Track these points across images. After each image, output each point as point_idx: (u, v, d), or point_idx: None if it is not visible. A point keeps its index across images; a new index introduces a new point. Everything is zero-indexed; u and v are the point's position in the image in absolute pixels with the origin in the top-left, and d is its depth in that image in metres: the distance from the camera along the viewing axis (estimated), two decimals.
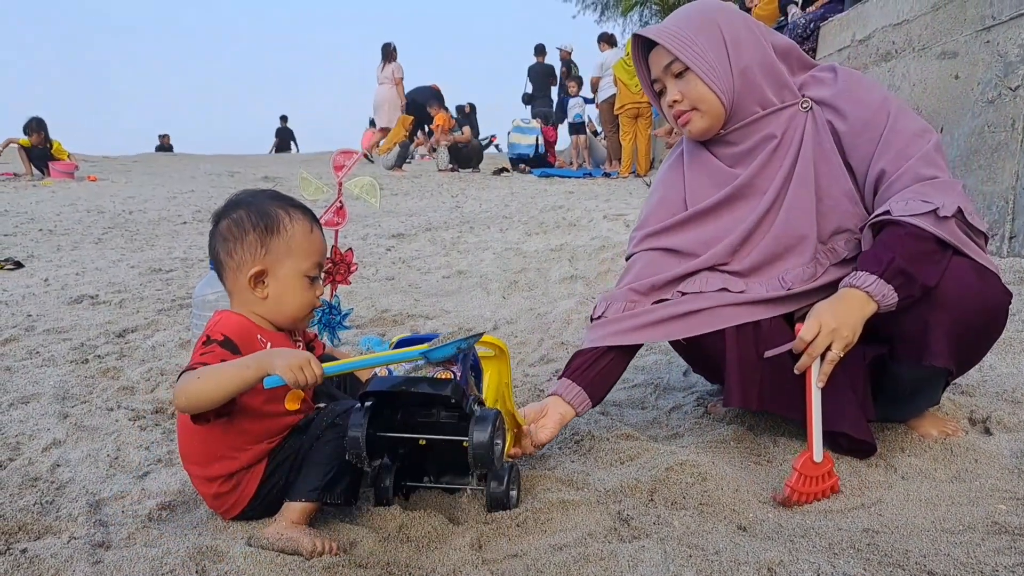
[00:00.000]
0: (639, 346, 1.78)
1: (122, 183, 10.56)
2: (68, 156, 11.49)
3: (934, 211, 1.47)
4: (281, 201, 1.51)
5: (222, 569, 1.28)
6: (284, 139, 22.17)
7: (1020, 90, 3.36)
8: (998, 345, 2.27)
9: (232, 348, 1.39)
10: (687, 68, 1.65)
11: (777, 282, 1.69)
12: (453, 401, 1.37)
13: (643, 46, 1.75)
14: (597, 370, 1.72)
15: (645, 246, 1.83)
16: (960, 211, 1.49)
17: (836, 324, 1.44)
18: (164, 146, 22.61)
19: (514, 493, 1.51)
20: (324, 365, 1.32)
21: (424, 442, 1.46)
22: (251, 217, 1.47)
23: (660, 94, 1.76)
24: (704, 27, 1.65)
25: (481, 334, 1.43)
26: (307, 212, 1.53)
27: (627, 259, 1.88)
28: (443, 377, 1.39)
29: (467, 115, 16.30)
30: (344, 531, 1.43)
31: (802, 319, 1.64)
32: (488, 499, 1.49)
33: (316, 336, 1.76)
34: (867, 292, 1.46)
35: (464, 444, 1.41)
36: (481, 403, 1.48)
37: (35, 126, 10.91)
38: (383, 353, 1.39)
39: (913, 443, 1.73)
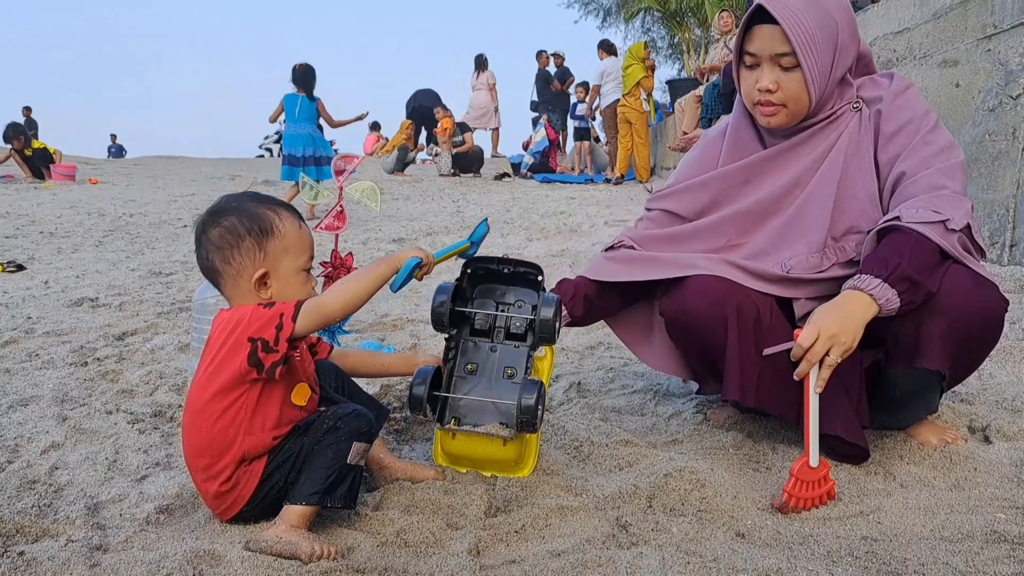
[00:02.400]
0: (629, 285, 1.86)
1: (123, 186, 10.58)
2: (53, 152, 11.52)
3: (943, 222, 1.49)
4: (266, 202, 1.53)
5: (219, 573, 1.28)
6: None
7: (1021, 99, 3.36)
8: (998, 353, 2.27)
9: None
10: (798, 65, 1.62)
11: (779, 266, 1.71)
12: (539, 278, 1.70)
13: (756, 12, 1.66)
14: (581, 297, 1.88)
15: (658, 205, 1.91)
16: (968, 227, 1.52)
17: (835, 330, 1.44)
18: (114, 146, 22.90)
19: (541, 411, 1.56)
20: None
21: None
22: (243, 222, 1.48)
23: (749, 67, 1.70)
24: (827, 27, 1.61)
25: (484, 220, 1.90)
26: (291, 209, 1.56)
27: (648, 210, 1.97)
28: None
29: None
30: (342, 535, 1.43)
31: (803, 323, 1.64)
32: (519, 410, 1.54)
33: (319, 338, 1.77)
34: (871, 295, 1.46)
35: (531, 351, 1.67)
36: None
37: (12, 132, 10.91)
38: (444, 249, 1.82)
39: (912, 451, 1.73)
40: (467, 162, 12.78)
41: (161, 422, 2.08)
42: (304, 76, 7.39)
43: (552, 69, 14.37)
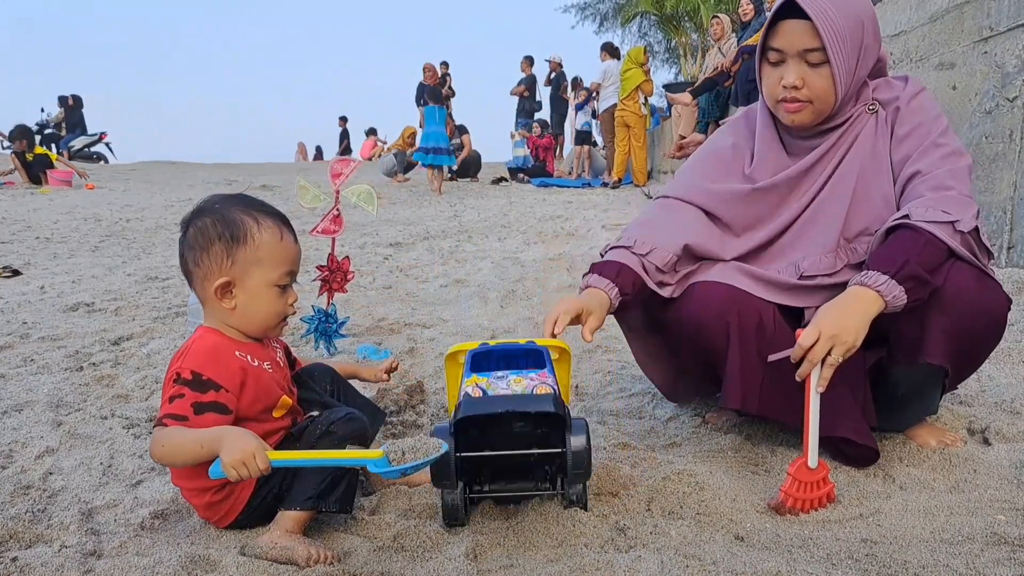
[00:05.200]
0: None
1: (120, 191, 10.56)
2: (56, 159, 11.52)
3: (952, 223, 1.49)
4: (250, 208, 1.46)
5: None
6: (348, 142, 22.11)
7: (1018, 101, 3.36)
8: (997, 355, 2.26)
9: (200, 387, 1.35)
10: (826, 62, 1.60)
11: (792, 268, 1.70)
12: (557, 414, 1.34)
13: (783, 7, 1.62)
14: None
15: (699, 200, 1.80)
16: (976, 229, 1.52)
17: (836, 330, 1.42)
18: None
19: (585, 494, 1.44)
20: (272, 456, 1.24)
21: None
22: (216, 226, 1.42)
23: (773, 64, 1.67)
24: (856, 28, 1.60)
25: (444, 453, 1.28)
26: (278, 218, 1.48)
27: (665, 197, 1.85)
28: (541, 392, 1.35)
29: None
30: (338, 540, 1.42)
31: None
32: (570, 459, 1.37)
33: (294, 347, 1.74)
34: (877, 291, 1.44)
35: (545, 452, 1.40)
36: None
37: (19, 134, 10.91)
38: (338, 454, 1.32)
39: (911, 453, 1.72)
40: (464, 166, 12.76)
41: None
42: (435, 93, 10.92)
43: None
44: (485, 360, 1.49)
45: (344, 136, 21.77)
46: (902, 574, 1.25)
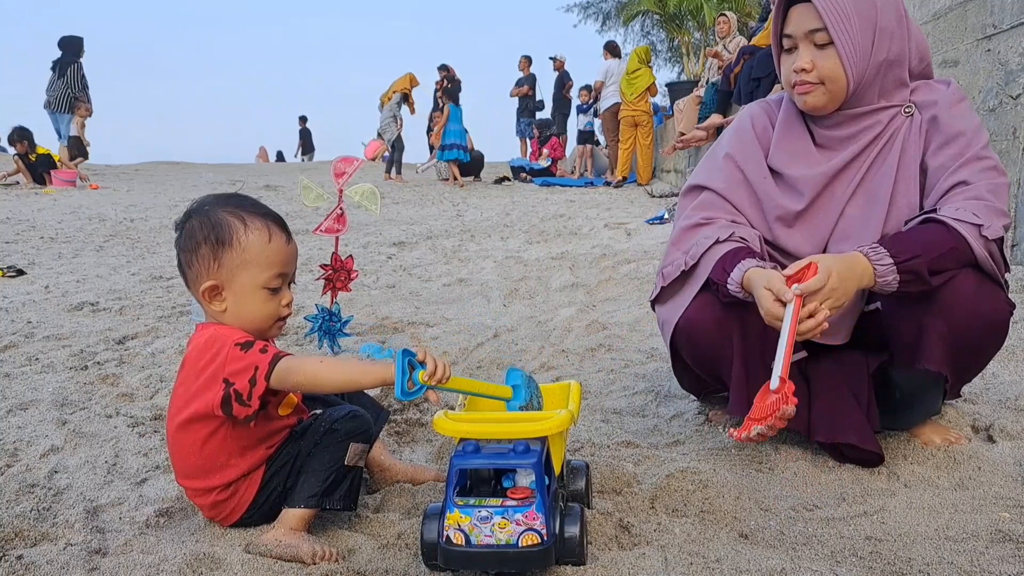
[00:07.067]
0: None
1: (124, 191, 10.57)
2: (58, 160, 11.50)
3: (979, 227, 1.49)
4: (239, 209, 1.43)
5: None
6: (307, 141, 22.04)
7: (1021, 98, 3.36)
8: (1001, 353, 2.25)
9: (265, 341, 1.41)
10: (831, 42, 1.61)
11: None
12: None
13: None
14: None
15: (736, 195, 1.78)
16: (1000, 239, 1.52)
17: (838, 283, 1.46)
18: None
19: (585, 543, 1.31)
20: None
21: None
22: (203, 229, 1.40)
23: (788, 50, 1.69)
24: (866, 7, 1.60)
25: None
26: (268, 219, 1.44)
27: (697, 187, 1.81)
28: (526, 545, 1.22)
29: None
30: (343, 538, 1.42)
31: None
32: (562, 543, 1.27)
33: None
34: (874, 268, 1.47)
35: None
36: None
37: (17, 136, 10.88)
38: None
39: (916, 451, 1.72)
40: (467, 166, 12.73)
41: (161, 425, 2.07)
42: (452, 94, 11.71)
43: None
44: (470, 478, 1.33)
45: (302, 135, 21.78)
46: (907, 571, 1.25)
